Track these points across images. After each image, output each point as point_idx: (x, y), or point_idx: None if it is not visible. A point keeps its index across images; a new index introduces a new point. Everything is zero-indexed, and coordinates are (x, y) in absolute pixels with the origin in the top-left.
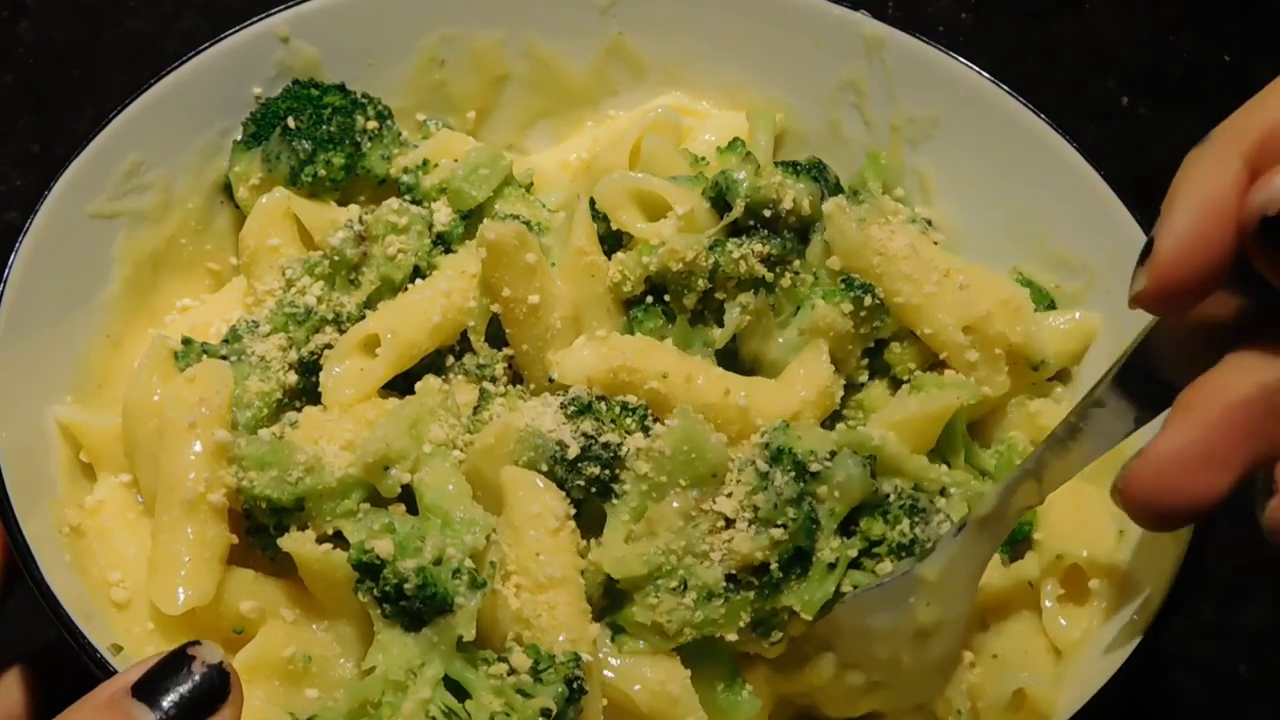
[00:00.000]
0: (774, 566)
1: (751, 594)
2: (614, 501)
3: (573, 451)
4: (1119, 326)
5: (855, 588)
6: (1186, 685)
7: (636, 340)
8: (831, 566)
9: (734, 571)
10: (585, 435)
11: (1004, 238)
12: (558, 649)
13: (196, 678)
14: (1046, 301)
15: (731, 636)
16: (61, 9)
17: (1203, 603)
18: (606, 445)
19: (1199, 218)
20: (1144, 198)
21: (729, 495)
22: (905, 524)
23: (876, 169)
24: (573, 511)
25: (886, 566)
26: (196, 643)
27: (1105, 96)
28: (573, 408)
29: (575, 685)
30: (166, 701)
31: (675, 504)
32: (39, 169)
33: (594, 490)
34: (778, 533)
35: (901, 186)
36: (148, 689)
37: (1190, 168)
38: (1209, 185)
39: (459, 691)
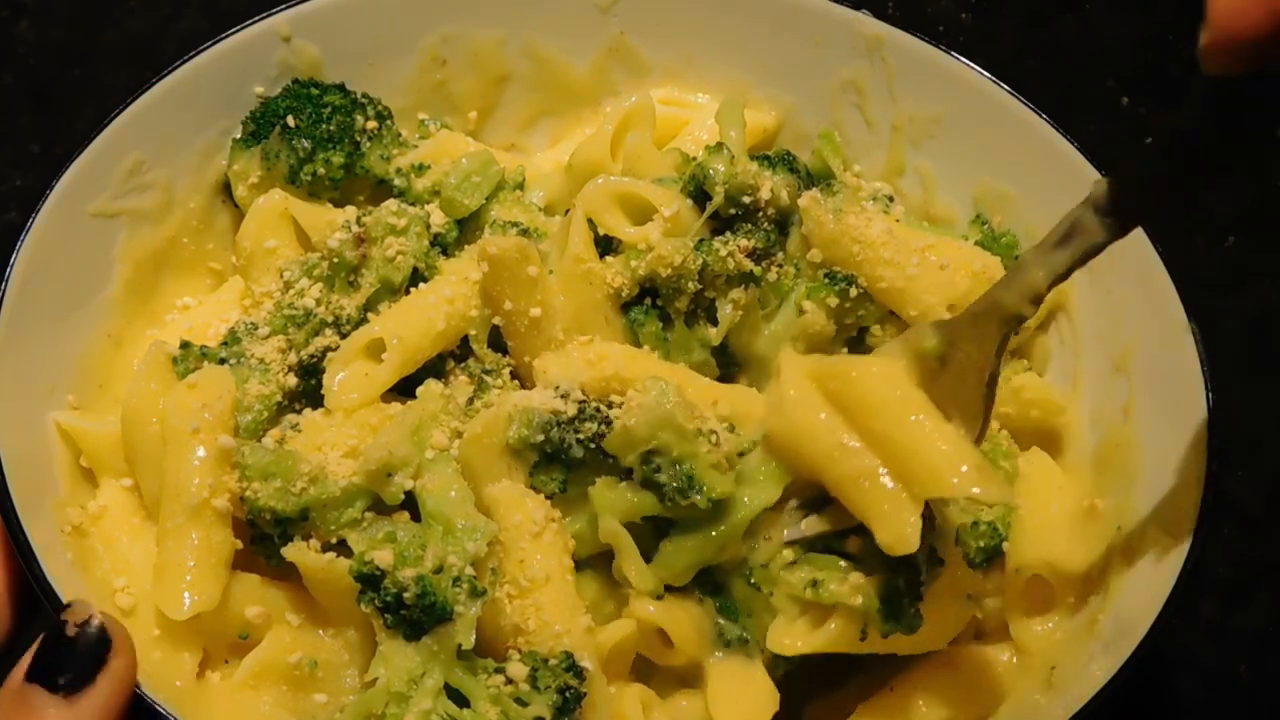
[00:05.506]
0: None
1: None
2: None
3: (570, 411)
4: (1118, 321)
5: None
6: (1186, 685)
7: (625, 349)
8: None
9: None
10: (579, 402)
11: None
12: (549, 650)
13: (77, 641)
14: (1014, 250)
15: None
16: (61, 9)
17: (1203, 603)
18: (598, 408)
19: None
20: None
21: None
22: None
23: (833, 147)
24: (556, 515)
25: None
26: (67, 605)
27: (1105, 96)
28: (564, 389)
29: (569, 694)
30: (61, 676)
31: None
32: (39, 169)
33: (593, 446)
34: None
35: (858, 164)
36: (41, 670)
37: None
38: None
39: (461, 701)
